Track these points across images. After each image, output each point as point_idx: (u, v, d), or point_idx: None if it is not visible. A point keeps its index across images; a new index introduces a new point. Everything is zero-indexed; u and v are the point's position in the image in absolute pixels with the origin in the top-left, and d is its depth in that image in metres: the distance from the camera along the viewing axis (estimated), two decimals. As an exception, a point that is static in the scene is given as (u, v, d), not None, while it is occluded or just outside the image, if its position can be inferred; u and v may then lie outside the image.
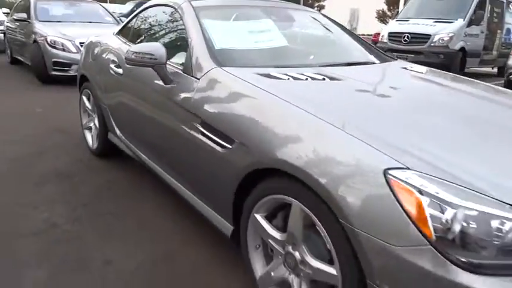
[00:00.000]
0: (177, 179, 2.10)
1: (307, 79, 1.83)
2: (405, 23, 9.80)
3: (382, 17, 36.32)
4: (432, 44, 8.99)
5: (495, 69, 11.41)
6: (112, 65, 2.72)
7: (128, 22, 3.05)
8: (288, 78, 1.80)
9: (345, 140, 1.28)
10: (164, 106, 2.09)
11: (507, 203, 1.06)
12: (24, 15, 6.98)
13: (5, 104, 4.86)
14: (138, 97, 2.41)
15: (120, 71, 2.61)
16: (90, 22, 6.94)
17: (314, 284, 1.41)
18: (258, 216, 1.55)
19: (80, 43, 5.75)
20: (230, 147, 1.61)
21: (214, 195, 1.79)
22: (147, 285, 1.75)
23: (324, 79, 1.86)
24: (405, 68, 2.44)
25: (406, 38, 9.34)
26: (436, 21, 9.30)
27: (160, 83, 2.07)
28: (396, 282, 1.11)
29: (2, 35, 8.75)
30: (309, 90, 1.74)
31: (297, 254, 1.41)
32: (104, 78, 2.86)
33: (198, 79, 1.90)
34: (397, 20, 10.21)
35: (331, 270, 1.29)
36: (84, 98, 3.29)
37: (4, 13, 11.08)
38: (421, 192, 1.08)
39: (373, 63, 2.47)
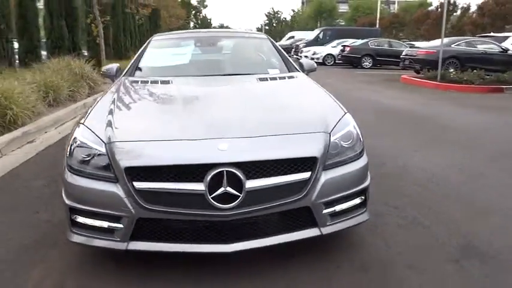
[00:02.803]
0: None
1: (148, 82, 2.89)
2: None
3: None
4: None
5: None
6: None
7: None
8: (139, 82, 2.91)
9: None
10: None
11: (105, 142, 1.98)
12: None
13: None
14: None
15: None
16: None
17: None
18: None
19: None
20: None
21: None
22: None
23: (159, 82, 2.86)
24: (261, 79, 2.99)
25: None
26: None
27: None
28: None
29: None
30: (135, 88, 2.83)
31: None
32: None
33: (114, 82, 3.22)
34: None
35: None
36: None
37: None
38: (77, 134, 2.12)
39: (258, 73, 3.14)
